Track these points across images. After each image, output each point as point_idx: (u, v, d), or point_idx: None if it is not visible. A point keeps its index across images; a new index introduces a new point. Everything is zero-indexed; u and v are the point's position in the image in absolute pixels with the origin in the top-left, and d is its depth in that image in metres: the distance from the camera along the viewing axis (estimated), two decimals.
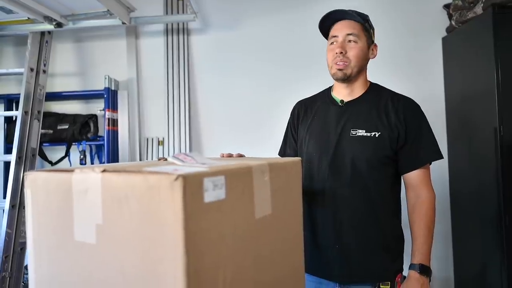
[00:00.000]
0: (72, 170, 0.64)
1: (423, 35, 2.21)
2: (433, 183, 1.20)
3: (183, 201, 0.51)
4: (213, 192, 0.56)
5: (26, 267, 2.12)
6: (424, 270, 1.07)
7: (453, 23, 2.00)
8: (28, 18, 1.95)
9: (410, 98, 1.21)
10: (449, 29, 2.09)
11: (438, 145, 1.16)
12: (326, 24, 1.21)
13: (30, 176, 0.71)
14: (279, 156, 1.32)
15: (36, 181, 0.70)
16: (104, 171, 0.59)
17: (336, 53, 1.14)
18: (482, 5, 1.74)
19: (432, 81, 2.21)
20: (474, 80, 1.89)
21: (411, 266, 1.09)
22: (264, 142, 2.13)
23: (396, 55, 2.21)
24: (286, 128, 1.34)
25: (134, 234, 0.56)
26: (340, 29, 1.17)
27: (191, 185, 0.52)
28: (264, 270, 0.70)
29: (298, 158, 0.85)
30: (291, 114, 1.33)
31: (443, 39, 2.16)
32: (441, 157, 1.16)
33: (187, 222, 0.52)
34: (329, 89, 1.28)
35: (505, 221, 1.67)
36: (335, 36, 1.17)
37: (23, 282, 1.99)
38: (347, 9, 1.20)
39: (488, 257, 1.82)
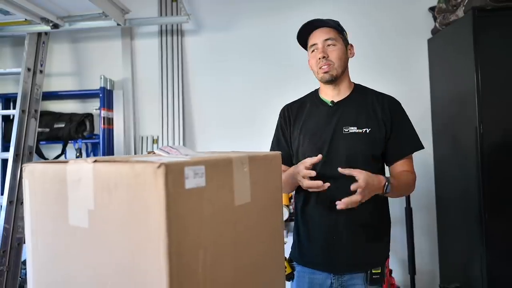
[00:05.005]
0: (66, 162, 0.70)
1: (410, 37, 2.28)
2: (419, 180, 1.28)
3: (165, 186, 0.57)
4: (193, 180, 0.63)
5: (23, 262, 2.18)
6: (387, 188, 1.12)
7: (437, 25, 2.07)
8: (26, 19, 2.01)
9: (392, 96, 1.29)
10: (433, 31, 2.17)
11: (418, 136, 1.26)
12: (304, 37, 1.29)
13: (28, 167, 0.77)
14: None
15: (34, 172, 0.76)
16: (95, 161, 0.65)
17: (319, 58, 1.22)
18: (463, 8, 1.81)
19: (418, 82, 2.28)
20: (456, 81, 1.96)
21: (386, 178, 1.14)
22: (256, 140, 2.18)
23: (383, 57, 2.28)
24: (276, 131, 1.37)
25: (123, 217, 0.62)
26: (318, 36, 1.24)
27: (173, 172, 0.58)
28: (243, 254, 0.76)
29: (278, 152, 0.91)
30: (280, 117, 1.37)
31: (429, 40, 2.24)
32: (422, 147, 1.25)
33: (169, 205, 0.57)
34: (316, 91, 1.34)
35: (484, 216, 1.74)
36: (314, 44, 1.25)
37: (20, 277, 2.04)
38: (321, 18, 1.27)
39: (470, 251, 1.89)
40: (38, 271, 0.76)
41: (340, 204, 1.05)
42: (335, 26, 1.25)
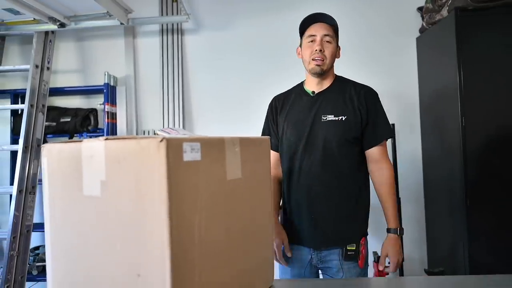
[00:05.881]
0: (80, 141, 0.81)
1: (400, 36, 2.39)
2: (408, 173, 1.40)
3: (166, 158, 0.68)
4: (190, 154, 0.74)
5: (31, 250, 2.29)
6: (401, 232, 1.32)
7: (424, 24, 2.18)
8: (34, 18, 2.12)
9: (370, 87, 1.39)
10: (421, 30, 2.27)
11: (390, 125, 1.37)
12: (303, 26, 1.38)
13: (46, 147, 0.88)
14: None
15: (51, 151, 0.87)
16: (106, 139, 0.76)
17: (316, 50, 1.31)
18: (447, 8, 1.92)
19: (407, 79, 2.39)
20: (441, 77, 2.07)
21: (390, 230, 1.31)
22: (252, 134, 2.30)
23: (374, 54, 2.39)
24: (266, 119, 1.50)
25: (130, 185, 0.73)
26: (318, 30, 1.33)
27: (173, 146, 0.69)
28: (234, 221, 0.87)
29: (267, 137, 1.02)
30: (269, 108, 1.49)
31: (417, 39, 2.35)
32: (393, 134, 1.36)
33: (170, 174, 0.68)
34: (302, 83, 1.45)
35: (466, 203, 1.85)
36: (313, 35, 1.33)
37: (28, 264, 2.16)
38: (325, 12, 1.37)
39: (455, 237, 2.00)
40: (55, 237, 0.87)
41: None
42: (335, 26, 1.35)
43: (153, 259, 0.69)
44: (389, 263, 1.29)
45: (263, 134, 1.49)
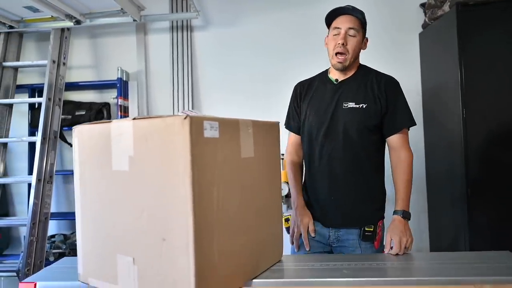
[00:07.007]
0: (110, 121, 0.89)
1: (403, 31, 2.46)
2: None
3: (189, 133, 0.76)
4: (210, 131, 0.82)
5: (49, 237, 2.39)
6: (406, 214, 1.30)
7: (426, 20, 2.25)
8: (52, 16, 2.22)
9: (391, 76, 1.43)
10: (424, 25, 2.34)
11: (412, 114, 1.39)
12: (330, 16, 1.42)
13: (77, 128, 0.97)
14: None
15: (82, 132, 0.96)
16: (134, 119, 0.85)
17: (338, 43, 1.36)
18: (449, 3, 1.99)
19: (410, 73, 2.45)
20: (443, 71, 2.13)
21: (395, 212, 1.31)
22: None
23: (379, 49, 2.44)
24: (290, 104, 1.55)
25: (156, 159, 0.81)
26: (343, 22, 1.37)
27: (195, 123, 0.77)
28: (247, 196, 0.95)
29: (277, 121, 1.10)
30: (293, 92, 1.54)
31: (420, 34, 2.41)
32: (414, 123, 1.39)
33: (192, 148, 0.77)
34: (326, 71, 1.51)
35: (467, 193, 1.92)
36: (338, 28, 1.37)
37: (46, 250, 2.25)
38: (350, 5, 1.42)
39: (457, 227, 2.06)
40: (84, 208, 0.95)
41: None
42: (361, 18, 1.39)
43: (178, 225, 0.78)
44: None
45: (287, 116, 1.55)
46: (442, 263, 1.02)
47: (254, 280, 0.94)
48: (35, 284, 1.00)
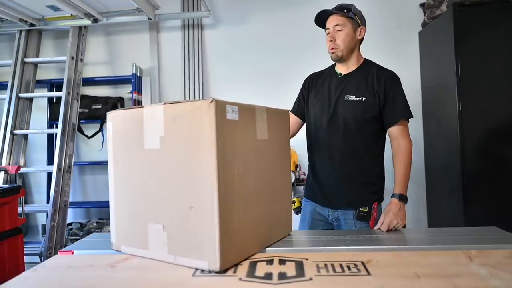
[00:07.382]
0: (142, 107, 1.02)
1: (403, 30, 2.58)
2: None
3: (215, 115, 0.88)
4: (231, 114, 0.95)
5: (68, 224, 2.52)
6: (402, 198, 1.39)
7: (426, 19, 2.36)
8: (71, 14, 2.35)
9: (392, 71, 1.53)
10: (423, 25, 2.46)
11: (409, 107, 1.49)
12: (322, 20, 1.55)
13: (111, 114, 1.09)
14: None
15: (116, 117, 1.08)
16: (165, 104, 0.97)
17: (329, 41, 1.51)
18: (446, 3, 2.10)
19: (410, 70, 2.57)
20: (441, 68, 2.24)
21: (392, 195, 1.40)
22: None
23: (380, 47, 2.57)
24: (299, 93, 1.68)
25: (185, 138, 0.93)
26: (329, 23, 1.52)
27: (220, 106, 0.90)
28: (262, 173, 1.07)
29: (287, 109, 1.23)
30: (304, 82, 1.67)
31: (419, 33, 2.53)
32: (411, 115, 1.48)
33: (217, 128, 0.89)
34: (334, 65, 1.63)
35: (463, 180, 2.03)
36: (327, 29, 1.53)
37: (65, 237, 2.39)
38: (334, 5, 1.54)
39: (453, 214, 2.18)
40: (118, 183, 1.08)
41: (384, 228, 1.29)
42: (345, 13, 1.50)
43: (204, 194, 0.90)
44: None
45: (295, 103, 1.68)
46: (435, 235, 1.14)
47: (267, 248, 1.06)
48: (72, 252, 1.13)
